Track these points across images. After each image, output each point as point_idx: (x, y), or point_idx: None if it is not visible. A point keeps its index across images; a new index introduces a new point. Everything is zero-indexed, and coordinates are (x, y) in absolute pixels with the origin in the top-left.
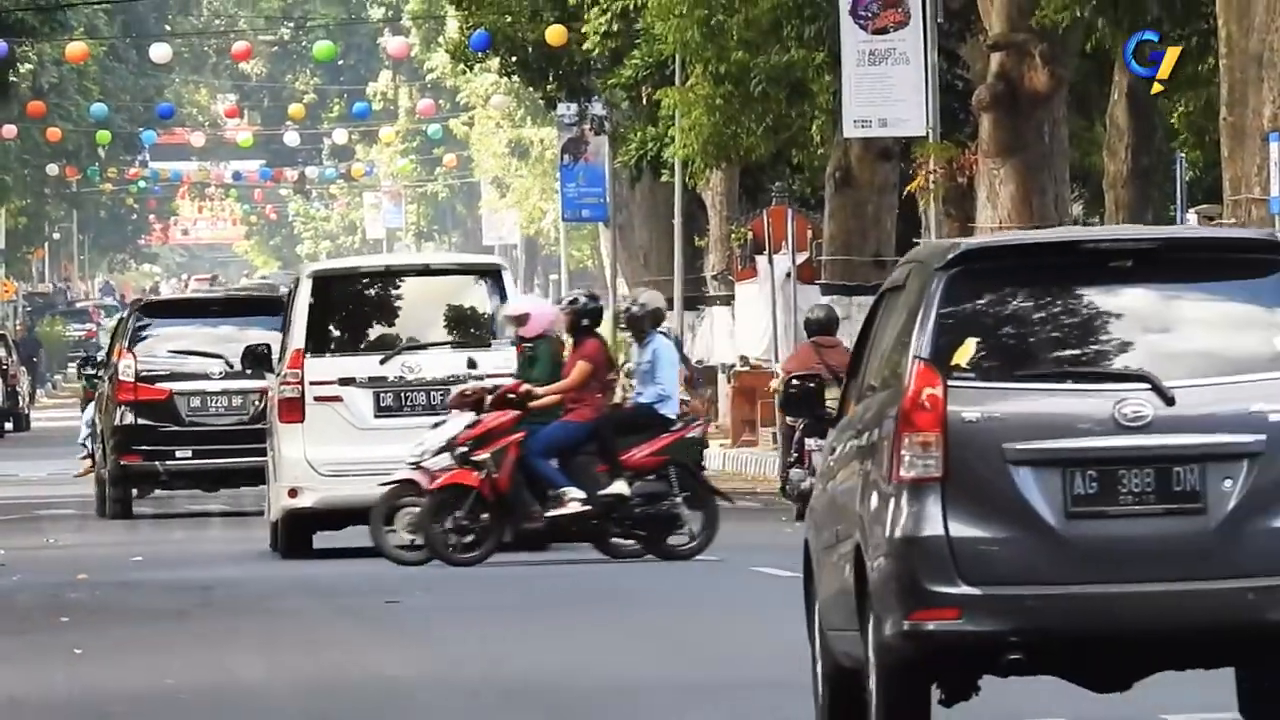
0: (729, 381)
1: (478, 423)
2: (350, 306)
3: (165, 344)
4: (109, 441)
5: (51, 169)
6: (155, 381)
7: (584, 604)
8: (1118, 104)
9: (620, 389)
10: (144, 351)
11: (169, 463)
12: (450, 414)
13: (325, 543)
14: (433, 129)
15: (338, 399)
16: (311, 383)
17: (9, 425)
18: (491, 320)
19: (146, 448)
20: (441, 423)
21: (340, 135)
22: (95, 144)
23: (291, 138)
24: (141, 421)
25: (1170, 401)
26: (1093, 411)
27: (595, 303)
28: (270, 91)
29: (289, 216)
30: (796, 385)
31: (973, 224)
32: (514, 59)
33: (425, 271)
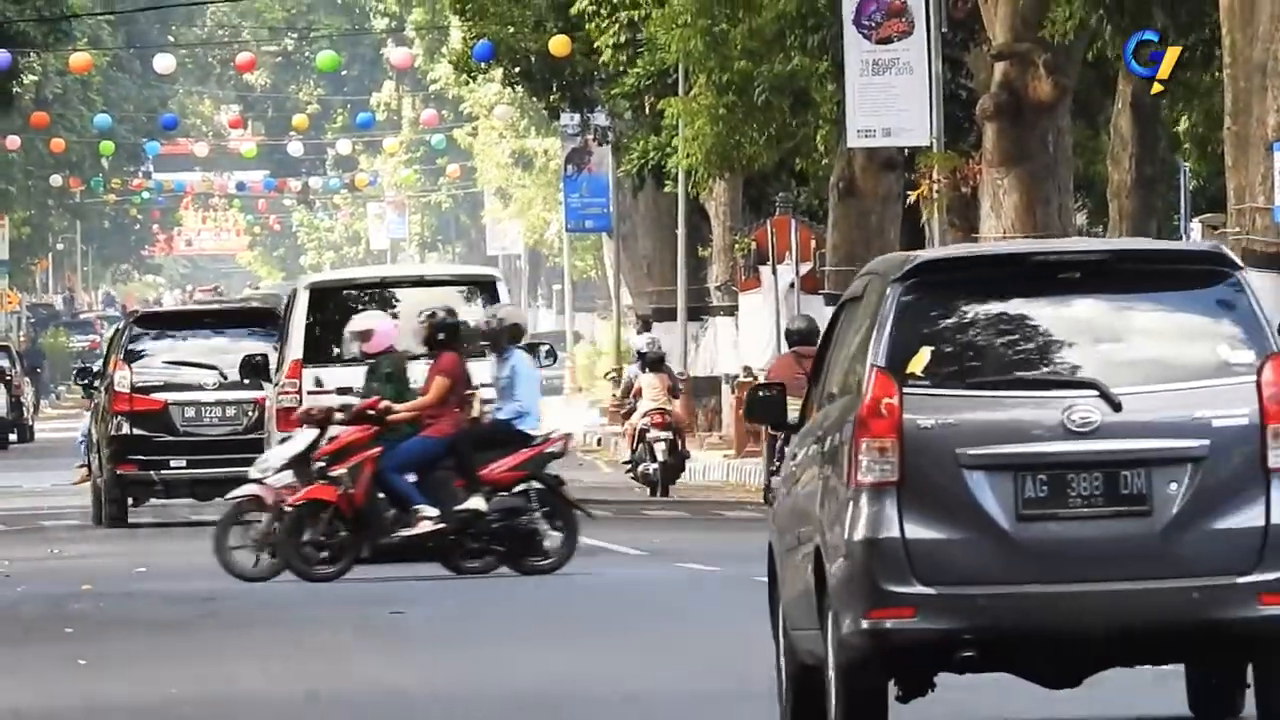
0: (733, 392)
1: (335, 438)
2: (346, 317)
3: (160, 355)
4: (105, 451)
5: (55, 180)
6: (150, 392)
7: (588, 615)
8: (1122, 113)
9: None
10: (139, 363)
11: (164, 472)
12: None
13: None
14: (436, 139)
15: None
16: (309, 392)
17: (13, 436)
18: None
19: (142, 457)
20: (288, 438)
21: (344, 145)
22: (99, 155)
23: (295, 148)
24: (137, 431)
25: (1118, 408)
26: (1043, 417)
27: (453, 317)
28: (274, 102)
29: (293, 227)
30: (759, 394)
31: (977, 234)
32: (517, 69)
33: (420, 283)
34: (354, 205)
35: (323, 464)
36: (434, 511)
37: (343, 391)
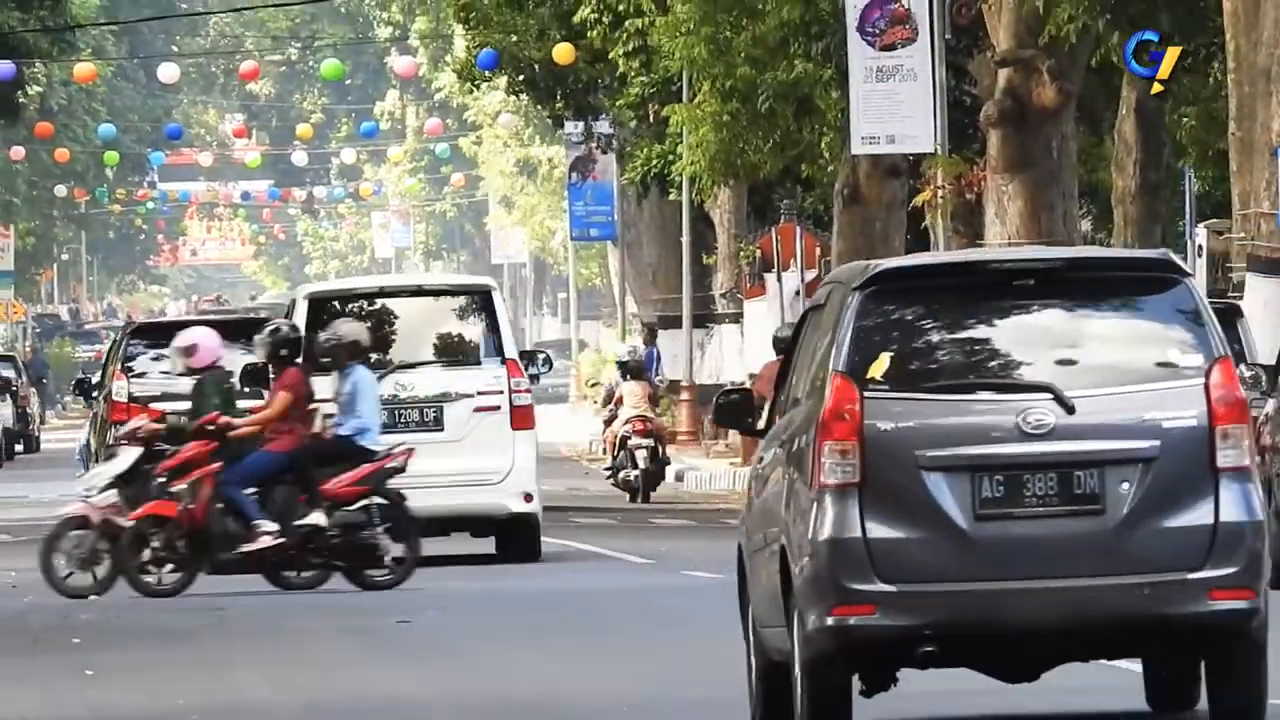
0: None
1: (176, 453)
2: None
3: (157, 366)
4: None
5: (60, 190)
6: (148, 402)
7: (595, 623)
8: (1126, 119)
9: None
10: (137, 373)
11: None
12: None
13: None
14: (440, 148)
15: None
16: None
17: (19, 447)
18: (481, 338)
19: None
20: (112, 456)
21: (348, 155)
22: (103, 165)
23: (299, 157)
24: None
25: (1071, 410)
26: (999, 420)
27: (295, 332)
28: (278, 111)
29: (297, 236)
30: (727, 398)
31: (981, 240)
32: (521, 78)
33: (417, 292)
34: (359, 214)
35: (163, 480)
36: (273, 526)
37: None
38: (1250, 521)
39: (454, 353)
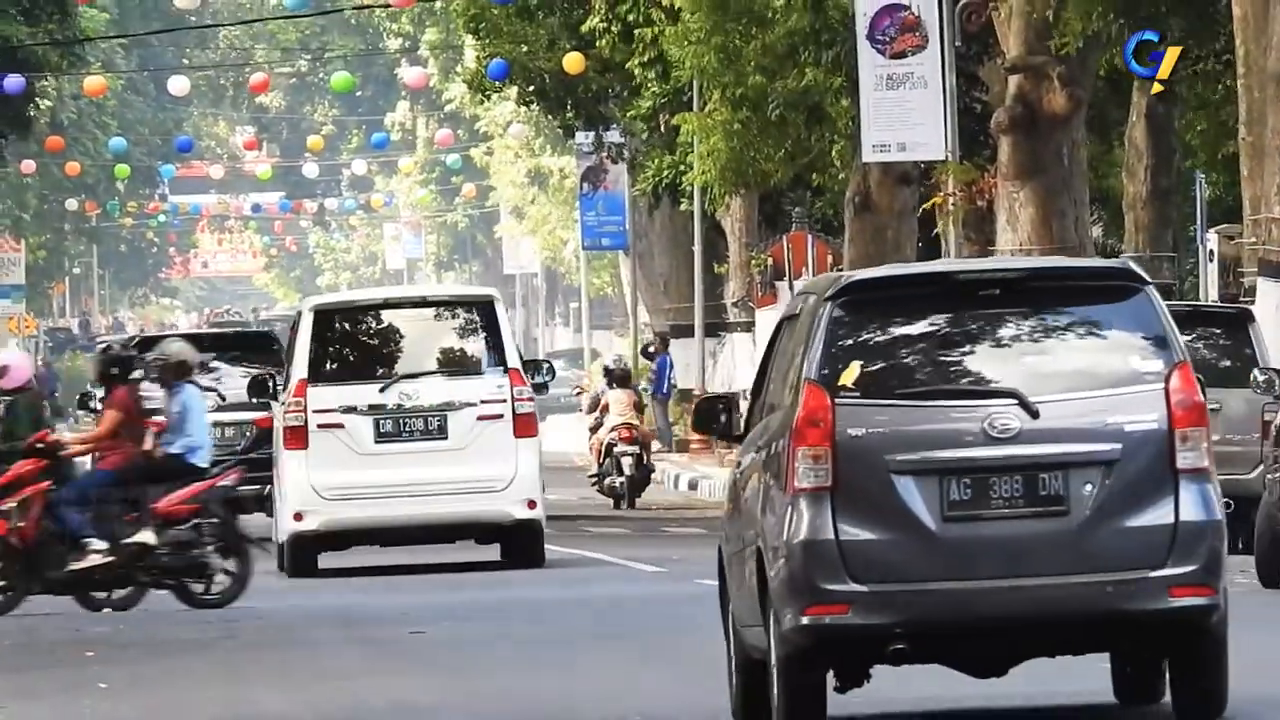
0: None
1: (6, 471)
2: (350, 338)
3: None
4: None
5: (71, 204)
6: (150, 414)
7: (608, 632)
8: (1136, 125)
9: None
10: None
11: None
12: None
13: (331, 562)
14: (451, 159)
15: (339, 426)
16: (314, 410)
17: None
18: (484, 348)
19: None
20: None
21: (359, 166)
22: (114, 178)
23: (310, 169)
24: None
25: (1036, 415)
26: (966, 425)
27: (125, 351)
28: (289, 123)
29: (309, 248)
30: (705, 403)
31: (993, 247)
32: (531, 88)
33: (421, 304)
34: (370, 226)
35: None
36: (103, 544)
37: (346, 411)
38: (1209, 521)
39: (457, 362)
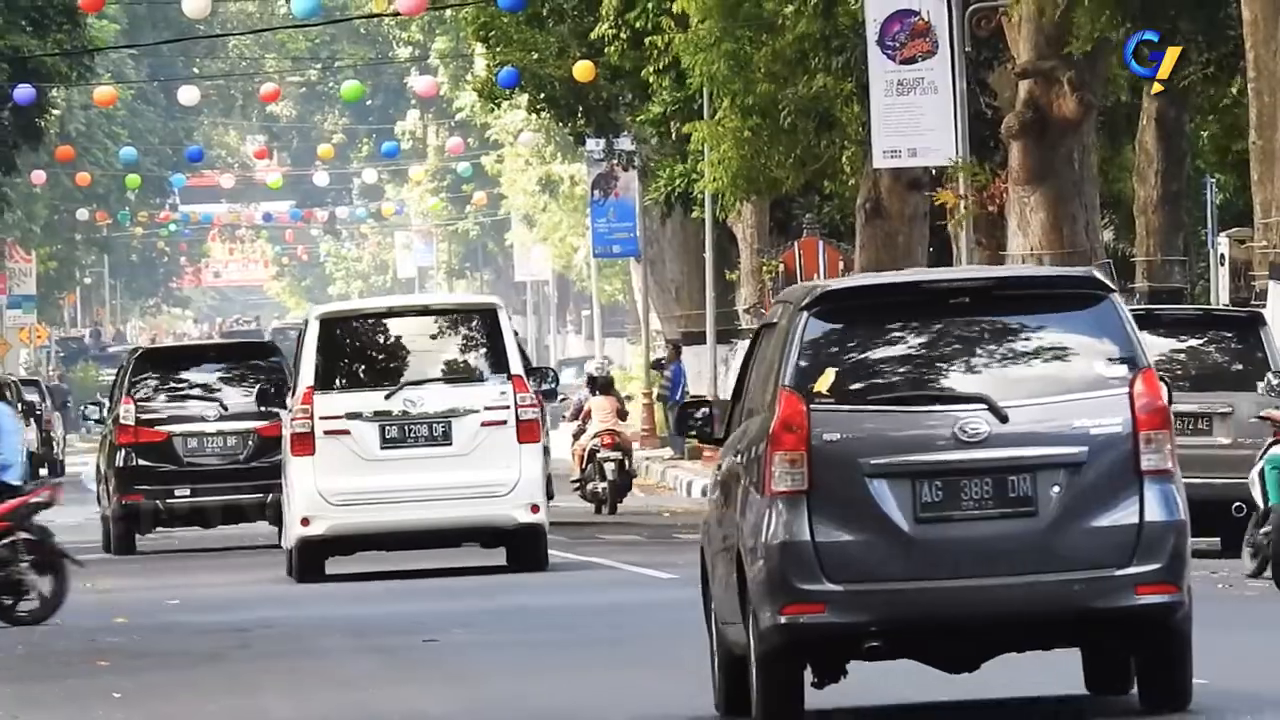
0: None
1: None
2: (356, 345)
3: (162, 389)
4: (112, 482)
5: (82, 214)
6: (154, 425)
7: (618, 639)
8: (1147, 129)
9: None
10: (142, 396)
11: (168, 501)
12: None
13: (337, 568)
14: (462, 167)
15: (346, 432)
16: (321, 417)
17: (43, 470)
18: (487, 355)
19: (147, 487)
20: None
21: (370, 175)
22: (125, 188)
23: (321, 178)
24: (142, 462)
25: (1005, 419)
26: (937, 429)
27: None
28: (299, 132)
29: (320, 257)
30: (689, 408)
31: (1004, 252)
32: (542, 96)
33: (425, 312)
34: (381, 234)
35: None
36: None
37: (352, 417)
38: (1173, 520)
39: (461, 370)
